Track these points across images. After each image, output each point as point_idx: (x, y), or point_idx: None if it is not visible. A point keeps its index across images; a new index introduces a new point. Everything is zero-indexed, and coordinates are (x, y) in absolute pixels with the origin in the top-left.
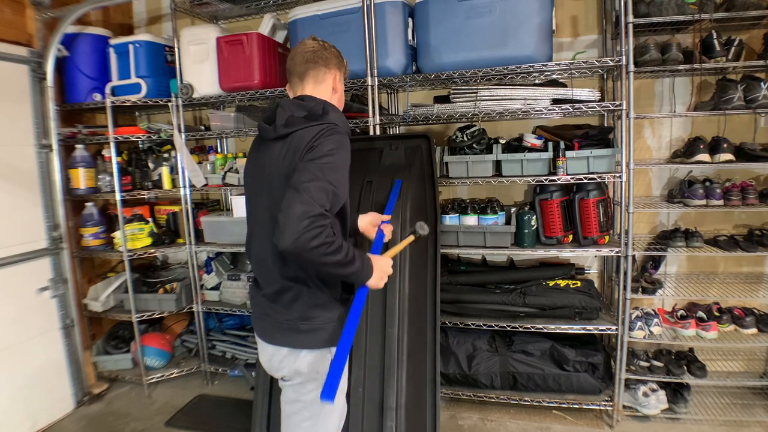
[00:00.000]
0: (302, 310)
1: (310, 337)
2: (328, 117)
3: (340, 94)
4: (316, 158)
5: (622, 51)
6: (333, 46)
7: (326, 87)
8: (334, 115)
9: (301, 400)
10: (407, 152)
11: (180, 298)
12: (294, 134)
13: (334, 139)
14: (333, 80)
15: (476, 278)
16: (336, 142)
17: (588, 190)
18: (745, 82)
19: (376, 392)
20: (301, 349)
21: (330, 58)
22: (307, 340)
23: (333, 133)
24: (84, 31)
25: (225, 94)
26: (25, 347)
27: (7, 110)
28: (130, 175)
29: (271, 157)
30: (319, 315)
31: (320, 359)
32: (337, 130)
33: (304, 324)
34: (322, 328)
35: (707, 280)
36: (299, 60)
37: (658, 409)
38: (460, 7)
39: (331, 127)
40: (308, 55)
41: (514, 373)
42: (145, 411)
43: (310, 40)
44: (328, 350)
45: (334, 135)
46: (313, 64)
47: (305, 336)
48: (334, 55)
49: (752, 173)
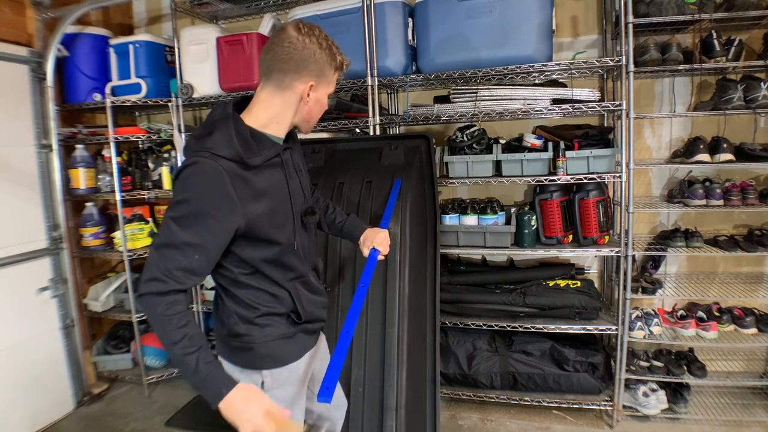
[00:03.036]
0: (234, 324)
1: (239, 355)
2: (206, 141)
3: (316, 103)
4: (171, 206)
5: (622, 51)
6: (321, 40)
7: (290, 96)
8: (215, 139)
9: None
10: (406, 152)
11: None
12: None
13: (192, 178)
14: (303, 90)
15: (476, 278)
16: (187, 187)
17: (588, 190)
18: (745, 82)
19: (376, 392)
20: (234, 365)
21: (306, 62)
22: (237, 356)
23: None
24: (84, 31)
25: (225, 94)
26: (25, 347)
27: (7, 110)
28: (130, 175)
29: None
30: (251, 333)
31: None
32: (200, 164)
33: (234, 340)
34: (253, 348)
35: (707, 280)
36: (269, 54)
37: (658, 409)
38: (460, 7)
39: (195, 161)
40: (279, 52)
41: (514, 373)
42: (145, 411)
43: (292, 28)
44: (257, 372)
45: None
46: (280, 63)
47: (234, 352)
48: (314, 57)
49: (752, 173)
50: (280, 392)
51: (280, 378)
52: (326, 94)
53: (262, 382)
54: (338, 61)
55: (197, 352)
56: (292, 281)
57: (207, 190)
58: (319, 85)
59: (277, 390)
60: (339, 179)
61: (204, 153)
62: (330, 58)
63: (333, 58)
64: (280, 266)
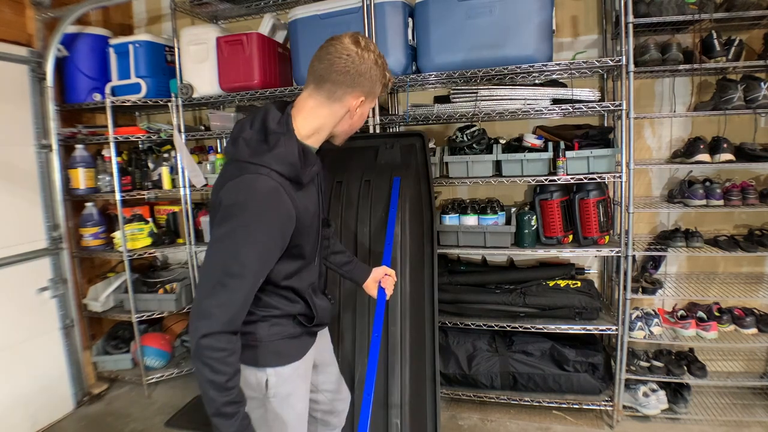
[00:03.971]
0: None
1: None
2: (265, 156)
3: (360, 117)
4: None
5: (622, 51)
6: (376, 56)
7: (338, 109)
8: (276, 155)
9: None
10: (403, 151)
11: (180, 298)
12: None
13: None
14: (354, 104)
15: (476, 278)
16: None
17: (588, 190)
18: (745, 82)
19: (381, 390)
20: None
21: (362, 75)
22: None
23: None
24: (84, 31)
25: (225, 94)
26: (25, 347)
27: (7, 110)
28: (130, 175)
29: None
30: (257, 331)
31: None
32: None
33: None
34: (257, 346)
35: (707, 280)
36: (324, 63)
37: (658, 409)
38: (460, 7)
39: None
40: (337, 64)
41: (514, 373)
42: (145, 411)
43: (350, 41)
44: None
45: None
46: (336, 75)
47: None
48: (370, 73)
49: (752, 173)
50: (285, 389)
51: (284, 375)
52: (370, 108)
53: (267, 380)
54: (387, 78)
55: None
56: (307, 289)
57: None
58: (367, 100)
59: (281, 387)
60: (337, 178)
61: (263, 169)
62: (381, 76)
63: (383, 75)
64: (301, 276)
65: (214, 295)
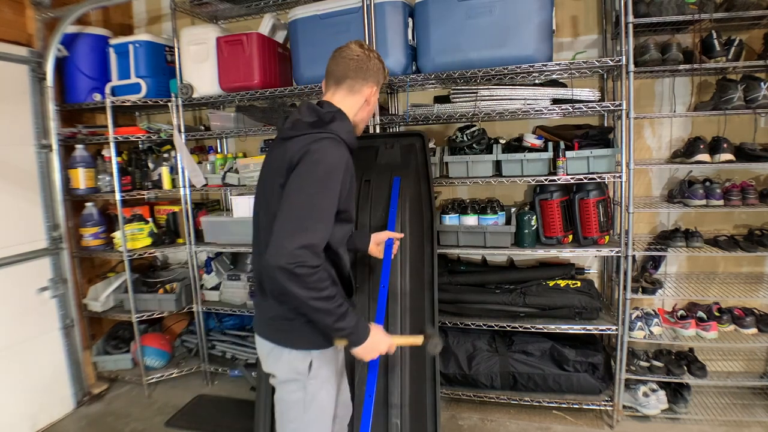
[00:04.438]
0: (285, 309)
1: (290, 337)
2: (331, 126)
3: (373, 106)
4: (305, 183)
5: (622, 51)
6: (377, 55)
7: (359, 99)
8: (338, 125)
9: (284, 400)
10: (402, 151)
11: (180, 298)
12: (294, 139)
13: (327, 152)
14: (369, 93)
15: (476, 278)
16: (327, 156)
17: (588, 190)
18: (745, 82)
19: (381, 390)
20: (283, 347)
21: (371, 70)
22: (288, 339)
23: (326, 147)
24: (84, 31)
25: (225, 94)
26: (25, 347)
27: (7, 110)
28: (130, 175)
29: (273, 158)
30: (301, 317)
31: (300, 360)
32: (332, 144)
33: (285, 323)
34: (304, 330)
35: (707, 280)
36: (342, 66)
37: (658, 409)
38: (460, 7)
39: (327, 140)
40: (351, 63)
41: (514, 373)
42: (145, 411)
43: (356, 45)
44: (308, 352)
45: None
46: (353, 73)
47: (286, 335)
48: (377, 67)
49: (752, 173)
50: (326, 370)
51: (325, 357)
52: (376, 97)
53: (311, 362)
54: (386, 72)
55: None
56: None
57: (339, 165)
58: (376, 89)
59: (322, 368)
60: None
61: (330, 135)
62: (383, 69)
63: (384, 68)
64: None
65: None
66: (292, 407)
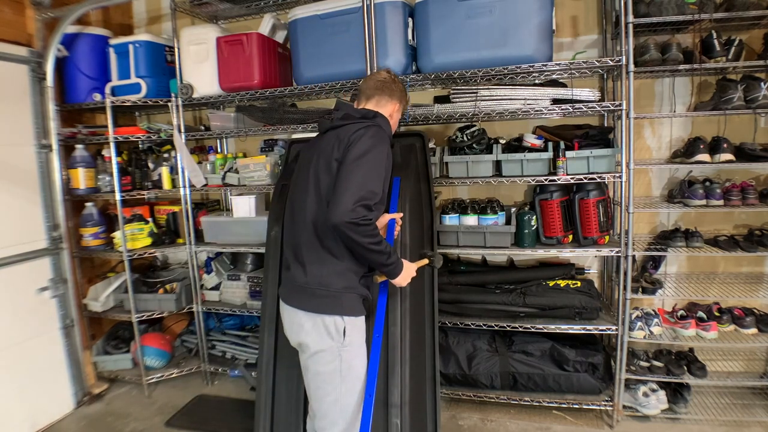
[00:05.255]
0: (321, 276)
1: (324, 303)
2: (376, 119)
3: (395, 122)
4: (360, 154)
5: (622, 51)
6: (400, 82)
7: (385, 112)
8: (381, 120)
9: (320, 372)
10: (403, 151)
11: (180, 298)
12: (346, 126)
13: (376, 136)
14: (392, 109)
15: (476, 278)
16: (376, 140)
17: (588, 190)
18: (745, 82)
19: (381, 390)
20: (319, 314)
21: (396, 91)
22: (322, 305)
23: (375, 132)
24: (84, 31)
25: (225, 94)
26: (25, 347)
27: (7, 110)
28: (130, 175)
29: (321, 145)
30: (337, 283)
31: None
32: (379, 131)
33: (321, 289)
34: (339, 296)
35: (707, 280)
36: (371, 85)
37: (658, 409)
38: (460, 7)
39: (375, 128)
40: (379, 84)
41: (514, 373)
42: (145, 411)
43: (385, 72)
44: (341, 318)
45: (376, 133)
46: (380, 91)
47: (320, 301)
48: (400, 90)
49: (752, 173)
50: (358, 338)
51: (357, 325)
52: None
53: (345, 327)
54: (407, 98)
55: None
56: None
57: (387, 149)
58: (399, 108)
59: (356, 335)
60: None
61: (378, 125)
62: (405, 94)
63: (406, 94)
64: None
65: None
66: (330, 379)
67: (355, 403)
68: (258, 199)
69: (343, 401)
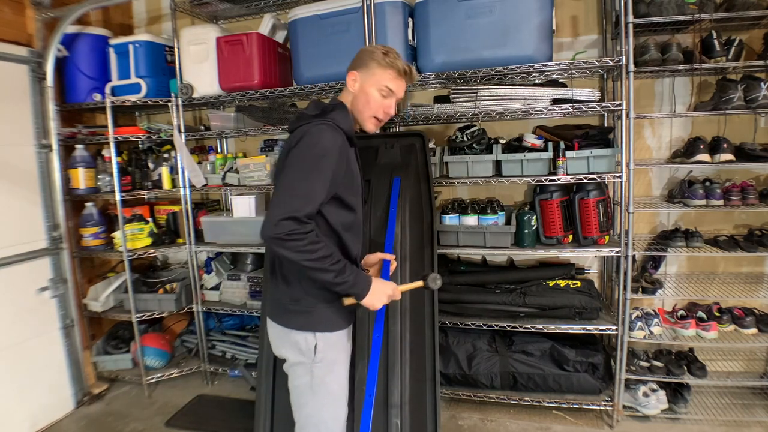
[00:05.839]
0: (293, 290)
1: (296, 318)
2: (330, 115)
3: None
4: (294, 159)
5: (622, 51)
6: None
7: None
8: (337, 114)
9: (294, 385)
10: (403, 151)
11: (180, 298)
12: (297, 129)
13: (317, 134)
14: (348, 78)
15: (476, 278)
16: (315, 138)
17: (588, 190)
18: (745, 82)
19: (381, 389)
20: (290, 329)
21: (362, 58)
22: (294, 320)
23: (318, 131)
24: (84, 31)
25: (225, 94)
26: (25, 347)
27: (7, 110)
28: (130, 175)
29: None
30: (308, 297)
31: (301, 343)
32: (324, 129)
33: (292, 305)
34: (310, 312)
35: (707, 280)
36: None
37: (658, 409)
38: (460, 7)
39: (319, 126)
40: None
41: (514, 373)
42: (145, 411)
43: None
44: (313, 334)
45: (319, 132)
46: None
47: (292, 316)
48: (359, 56)
49: (752, 173)
50: (330, 355)
51: (330, 341)
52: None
53: (316, 344)
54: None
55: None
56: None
57: (332, 147)
58: (362, 76)
59: (328, 352)
60: None
61: (329, 122)
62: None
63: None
64: (352, 235)
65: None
66: (302, 392)
67: (331, 419)
68: (258, 199)
69: (317, 416)
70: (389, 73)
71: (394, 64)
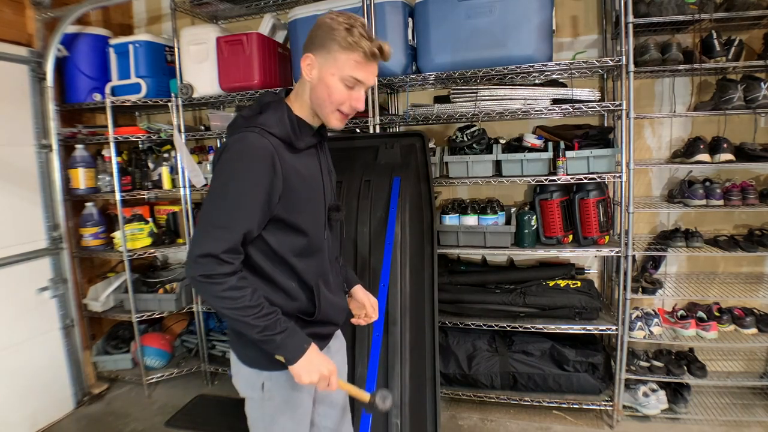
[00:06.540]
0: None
1: (242, 353)
2: (258, 119)
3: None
4: (212, 186)
5: (622, 51)
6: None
7: (303, 78)
8: (267, 116)
9: (248, 415)
10: (403, 151)
11: (180, 298)
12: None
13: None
14: (303, 62)
15: (476, 278)
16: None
17: (588, 190)
18: (745, 82)
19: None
20: (242, 364)
21: (310, 35)
22: (241, 354)
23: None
24: (84, 31)
25: (225, 94)
26: (25, 347)
27: (7, 110)
28: (130, 175)
29: None
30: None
31: (249, 379)
32: (248, 135)
33: (235, 336)
34: (254, 348)
35: (707, 280)
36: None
37: (658, 409)
38: (460, 7)
39: (244, 132)
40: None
41: (514, 373)
42: (145, 411)
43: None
44: (259, 372)
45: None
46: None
47: (238, 350)
48: (315, 32)
49: (752, 173)
50: (280, 395)
51: (280, 381)
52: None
53: (263, 383)
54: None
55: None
56: (316, 279)
57: (258, 161)
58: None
59: (279, 392)
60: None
61: (254, 128)
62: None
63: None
64: (307, 260)
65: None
66: (254, 424)
67: None
68: None
69: None
70: (354, 58)
71: (359, 44)
